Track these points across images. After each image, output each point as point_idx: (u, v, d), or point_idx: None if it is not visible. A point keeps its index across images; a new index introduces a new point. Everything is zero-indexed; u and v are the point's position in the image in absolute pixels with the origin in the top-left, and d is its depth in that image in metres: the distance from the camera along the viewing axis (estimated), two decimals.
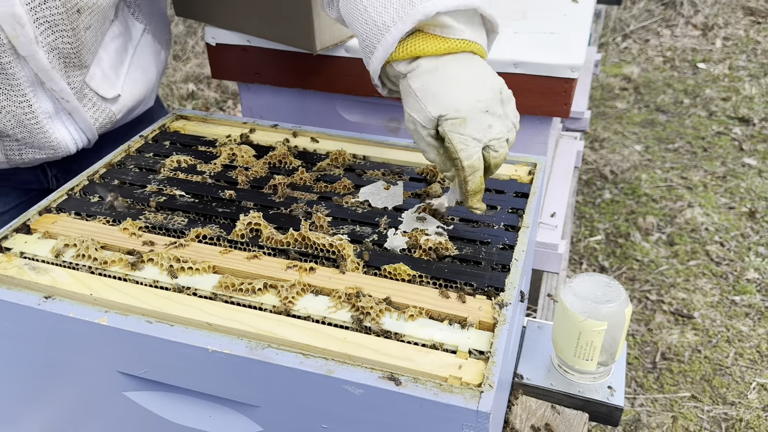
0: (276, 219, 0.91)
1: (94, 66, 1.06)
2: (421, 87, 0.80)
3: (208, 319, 0.73)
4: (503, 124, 0.81)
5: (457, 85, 0.79)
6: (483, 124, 0.79)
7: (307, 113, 1.41)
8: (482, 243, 0.86)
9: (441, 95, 0.78)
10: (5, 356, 0.82)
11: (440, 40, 0.79)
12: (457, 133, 0.78)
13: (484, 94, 0.79)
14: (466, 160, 0.78)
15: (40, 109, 0.99)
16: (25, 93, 0.95)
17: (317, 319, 0.74)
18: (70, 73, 0.99)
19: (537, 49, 1.20)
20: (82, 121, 1.05)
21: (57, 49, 0.95)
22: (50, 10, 0.91)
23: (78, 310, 0.74)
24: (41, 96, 0.98)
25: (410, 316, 0.73)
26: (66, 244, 0.84)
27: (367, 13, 0.80)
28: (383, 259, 0.83)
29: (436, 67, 0.80)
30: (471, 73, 0.80)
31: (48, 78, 0.96)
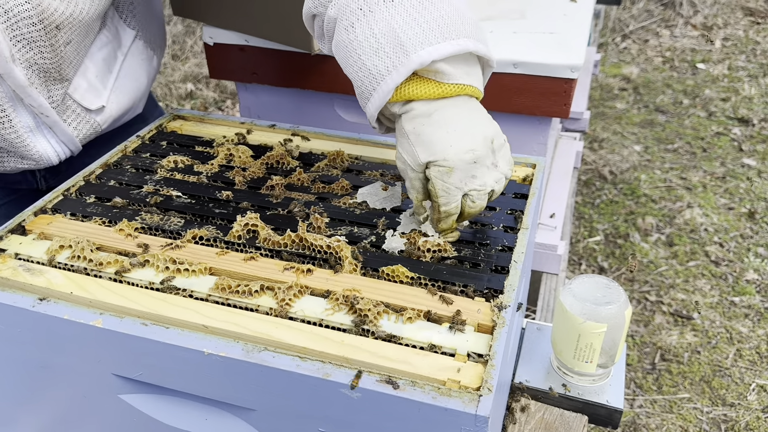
0: (273, 220, 0.90)
1: (78, 77, 1.04)
2: (413, 130, 0.80)
3: (204, 322, 0.72)
4: (490, 175, 0.82)
5: (449, 134, 0.79)
6: (468, 174, 0.80)
7: (306, 113, 1.40)
8: (481, 244, 0.85)
9: (432, 142, 0.79)
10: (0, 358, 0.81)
11: (434, 85, 0.79)
12: (441, 181, 0.80)
13: (474, 145, 0.79)
14: (444, 206, 0.81)
15: (20, 124, 0.97)
16: (5, 108, 0.94)
17: (314, 321, 0.74)
18: (51, 87, 0.98)
19: (536, 49, 1.19)
20: (63, 134, 1.04)
21: (36, 65, 0.93)
22: (27, 27, 0.89)
23: (73, 312, 0.73)
24: (21, 111, 0.97)
25: (408, 318, 0.73)
26: (61, 245, 0.84)
27: (361, 60, 0.79)
28: (381, 261, 0.82)
29: (430, 112, 0.80)
30: (464, 121, 0.80)
31: (26, 95, 0.94)
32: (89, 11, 0.96)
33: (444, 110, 0.80)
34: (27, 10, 0.88)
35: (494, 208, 0.93)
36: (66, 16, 0.92)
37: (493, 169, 0.82)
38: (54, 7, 0.90)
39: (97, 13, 0.99)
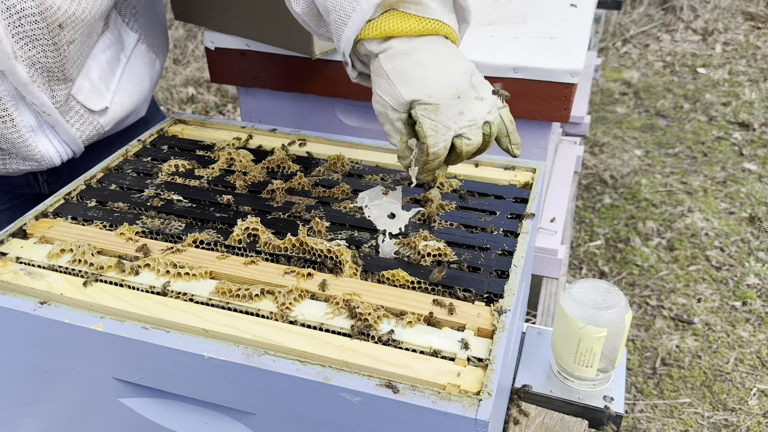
0: (274, 224, 0.90)
1: (81, 78, 1.04)
2: (393, 68, 0.78)
3: (205, 326, 0.72)
4: (479, 108, 0.80)
5: (431, 70, 0.78)
6: (454, 111, 0.78)
7: (306, 117, 1.41)
8: (481, 249, 0.85)
9: (414, 79, 0.78)
10: (0, 362, 0.81)
11: (415, 20, 0.78)
12: (429, 119, 0.77)
13: (457, 80, 0.78)
14: (433, 147, 0.78)
15: (22, 123, 0.97)
16: (7, 107, 0.94)
17: (314, 325, 0.74)
18: (54, 86, 0.98)
19: (537, 54, 1.19)
20: (65, 134, 1.03)
21: (38, 63, 0.93)
22: (30, 25, 0.89)
23: (74, 316, 0.73)
24: (23, 110, 0.97)
25: (408, 323, 0.73)
26: (62, 249, 0.84)
27: None
28: (381, 265, 0.82)
29: (410, 49, 0.78)
30: (445, 58, 0.79)
31: (28, 92, 0.94)
32: (92, 11, 0.96)
33: (424, 47, 0.79)
34: (30, 7, 0.88)
35: (494, 212, 0.93)
36: (69, 14, 0.93)
37: (479, 101, 0.80)
38: (57, 5, 0.91)
39: (100, 13, 0.99)
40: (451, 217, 0.91)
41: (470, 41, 1.26)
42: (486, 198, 0.97)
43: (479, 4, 1.46)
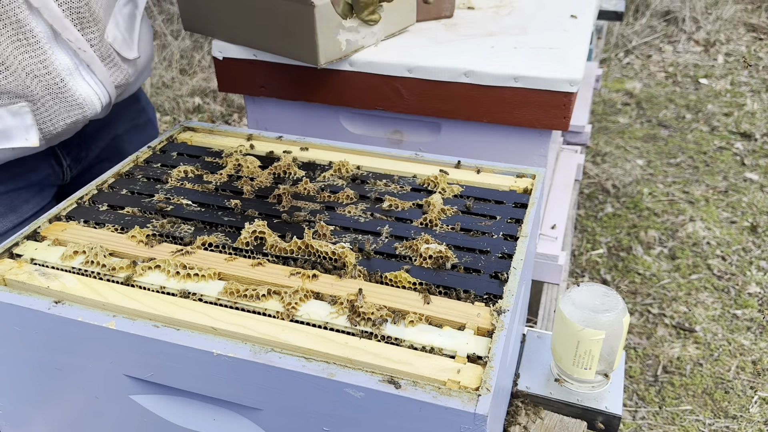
0: (280, 228, 0.93)
1: (112, 27, 1.11)
2: None
3: (214, 324, 0.75)
4: None
5: None
6: None
7: (312, 126, 1.44)
8: (481, 252, 0.88)
9: None
10: (14, 360, 0.84)
11: None
12: None
13: None
14: None
15: (60, 66, 1.02)
16: (45, 50, 0.99)
17: (319, 324, 0.76)
18: (85, 26, 1.03)
19: (536, 64, 1.22)
20: (101, 72, 1.09)
21: (67, 2, 0.99)
22: None
23: (87, 315, 0.76)
24: (58, 51, 1.02)
25: (410, 322, 0.75)
26: (75, 250, 0.86)
27: None
28: (385, 267, 0.85)
29: None
30: None
31: (63, 27, 0.99)
32: None
33: None
34: None
35: (494, 216, 0.95)
36: None
37: None
38: None
39: None
40: (453, 221, 0.94)
41: (471, 51, 1.29)
42: (486, 203, 0.99)
43: (480, 16, 1.49)
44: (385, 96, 1.32)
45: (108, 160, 1.31)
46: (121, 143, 1.35)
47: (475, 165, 1.07)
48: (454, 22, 1.46)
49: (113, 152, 1.33)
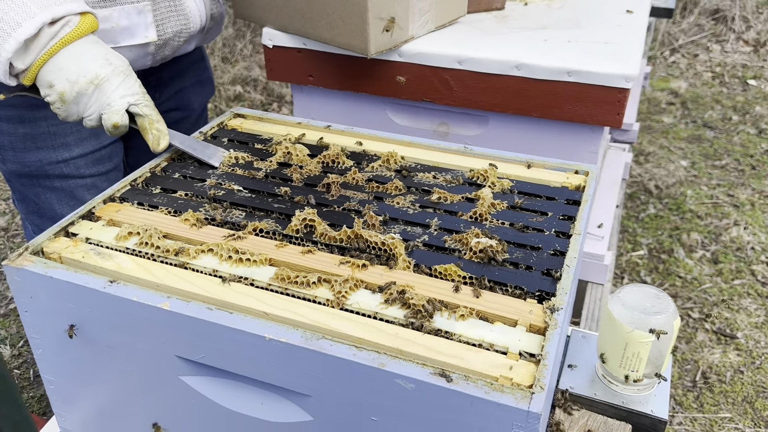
0: (329, 216, 0.93)
1: None
2: None
3: (265, 309, 0.75)
4: None
5: None
6: None
7: (358, 116, 1.43)
8: (533, 248, 0.87)
9: None
10: (67, 337, 0.86)
11: None
12: None
13: None
14: None
15: None
16: None
17: (369, 314, 0.76)
18: None
19: (591, 58, 1.20)
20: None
21: None
22: None
23: (142, 295, 0.77)
24: None
25: (461, 316, 0.74)
26: (130, 231, 0.88)
27: None
28: (434, 260, 0.84)
29: None
30: None
31: None
32: None
33: None
34: None
35: (546, 213, 0.94)
36: None
37: None
38: None
39: None
40: (503, 216, 0.93)
41: (523, 43, 1.27)
42: (537, 199, 0.98)
43: (532, 8, 1.47)
44: (433, 87, 1.31)
45: (176, 109, 1.46)
46: (187, 95, 1.46)
47: (525, 160, 1.06)
48: (506, 14, 1.44)
49: (180, 102, 1.46)
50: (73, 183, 1.23)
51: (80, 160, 1.21)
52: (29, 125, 1.15)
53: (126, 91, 0.99)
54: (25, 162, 1.18)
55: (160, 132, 1.02)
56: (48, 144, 1.17)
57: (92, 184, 1.24)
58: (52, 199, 1.24)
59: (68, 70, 0.96)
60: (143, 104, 1.01)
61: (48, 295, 0.82)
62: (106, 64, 0.98)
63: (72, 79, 0.96)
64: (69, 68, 0.96)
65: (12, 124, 1.15)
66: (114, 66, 0.99)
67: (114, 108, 0.99)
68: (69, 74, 0.96)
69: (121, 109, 0.99)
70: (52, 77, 0.97)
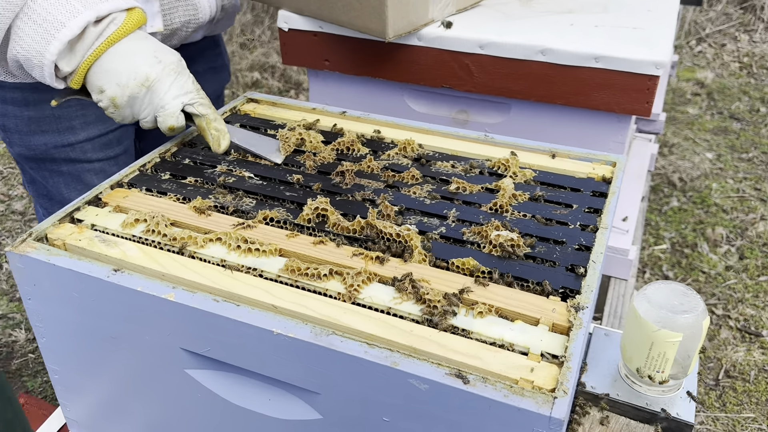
0: (343, 205, 0.89)
1: None
2: None
3: (274, 302, 0.72)
4: None
5: None
6: None
7: (374, 102, 1.39)
8: (556, 242, 0.82)
9: None
10: (70, 326, 0.83)
11: None
12: None
13: None
14: None
15: None
16: None
17: (382, 309, 0.72)
18: None
19: (620, 44, 1.15)
20: None
21: None
22: None
23: (146, 285, 0.74)
24: None
25: (479, 313, 0.70)
26: (136, 218, 0.85)
27: None
28: (451, 252, 0.80)
29: None
30: None
31: None
32: None
33: None
34: None
35: (571, 205, 0.89)
36: None
37: None
38: None
39: None
40: (525, 208, 0.89)
41: (548, 28, 1.22)
42: (562, 190, 0.93)
43: None
44: (453, 73, 1.26)
45: None
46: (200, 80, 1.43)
47: (549, 149, 1.01)
48: None
49: None
50: (80, 167, 1.20)
51: (86, 144, 1.18)
52: (34, 108, 1.13)
53: (179, 90, 0.94)
54: (31, 145, 1.16)
55: (219, 132, 0.95)
56: (53, 128, 1.15)
57: (100, 169, 1.22)
58: (59, 183, 1.21)
59: (117, 73, 0.91)
60: (198, 103, 0.95)
61: (51, 283, 0.80)
62: (155, 63, 0.93)
63: (122, 82, 0.91)
64: (118, 70, 0.91)
65: (17, 106, 1.12)
66: (164, 64, 0.93)
67: (168, 110, 0.93)
68: (119, 77, 0.91)
69: (175, 111, 0.94)
70: (102, 81, 0.92)
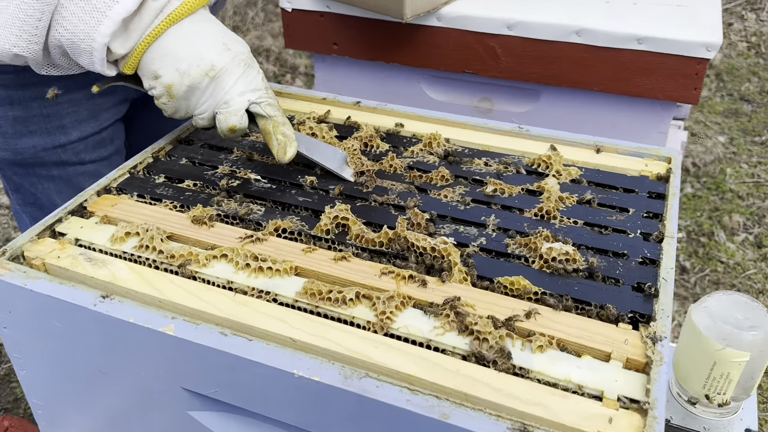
0: (364, 212, 0.78)
1: None
2: None
3: (292, 334, 0.61)
4: None
5: None
6: None
7: (388, 90, 1.27)
8: (616, 255, 0.71)
9: None
10: (53, 357, 0.72)
11: None
12: None
13: None
14: None
15: None
16: None
17: (421, 341, 0.61)
18: None
19: (665, 23, 1.03)
20: None
21: None
22: None
23: (140, 315, 0.62)
24: None
25: (539, 347, 0.59)
26: (127, 231, 0.73)
27: None
28: (496, 269, 0.69)
29: None
30: None
31: None
32: None
33: None
34: None
35: (627, 209, 0.78)
36: None
37: None
38: None
39: None
40: (574, 213, 0.77)
41: (583, 5, 1.10)
42: (613, 191, 0.82)
43: None
44: (477, 57, 1.14)
45: None
46: None
47: (593, 142, 0.90)
48: None
49: None
50: (72, 170, 1.07)
51: (79, 144, 1.05)
52: (19, 107, 0.99)
53: (246, 86, 0.80)
54: (18, 149, 1.03)
55: (286, 138, 0.81)
56: (42, 128, 1.02)
57: (94, 171, 1.09)
58: (50, 189, 1.08)
59: (177, 57, 0.77)
60: (266, 102, 0.81)
61: (29, 310, 0.68)
62: (223, 50, 0.79)
63: (182, 68, 0.77)
64: (178, 54, 0.77)
65: (0, 106, 0.99)
66: (234, 53, 0.80)
67: (233, 107, 0.80)
68: (179, 62, 0.77)
69: (240, 108, 0.80)
70: (158, 65, 0.78)
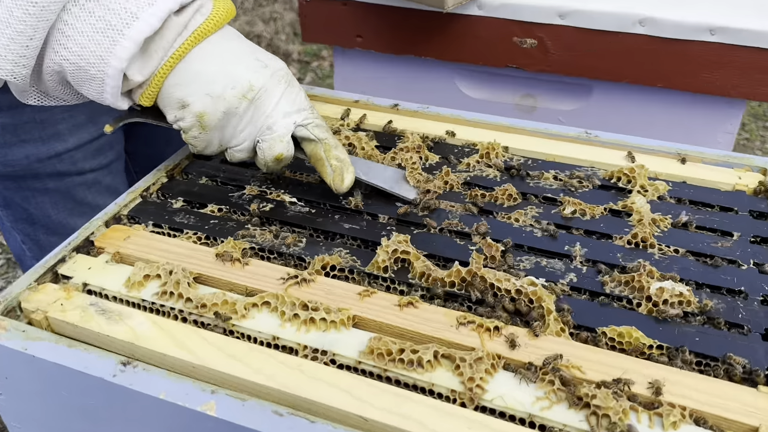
0: (425, 242, 0.66)
1: None
2: None
3: (363, 411, 0.49)
4: None
5: None
6: None
7: (417, 87, 1.15)
8: (731, 292, 0.60)
9: None
10: (62, 429, 0.60)
11: None
12: None
13: None
14: None
15: None
16: None
17: (521, 417, 0.50)
18: None
19: (740, 12, 0.91)
20: None
21: None
22: None
23: (173, 389, 0.50)
24: None
25: (672, 423, 0.48)
26: (146, 274, 0.61)
27: None
28: (595, 316, 0.57)
29: None
30: None
31: None
32: None
33: None
34: None
35: (731, 233, 0.67)
36: None
37: None
38: None
39: None
40: (672, 239, 0.66)
41: None
42: (708, 210, 0.71)
43: None
44: (522, 50, 1.02)
45: None
46: None
47: (675, 150, 0.78)
48: None
49: None
50: (69, 181, 0.94)
51: (77, 153, 0.92)
52: (9, 113, 0.86)
53: (290, 106, 0.69)
54: (8, 160, 0.89)
55: (341, 162, 0.69)
56: (35, 135, 0.88)
57: (94, 180, 0.96)
58: (45, 203, 0.95)
59: (208, 80, 0.66)
60: (314, 124, 0.70)
61: (30, 377, 0.56)
62: (260, 68, 0.68)
63: (215, 92, 0.66)
64: (208, 76, 0.66)
65: None
66: (272, 69, 0.69)
67: (277, 133, 0.68)
68: (210, 85, 0.66)
69: (286, 133, 0.69)
70: (185, 91, 0.66)
